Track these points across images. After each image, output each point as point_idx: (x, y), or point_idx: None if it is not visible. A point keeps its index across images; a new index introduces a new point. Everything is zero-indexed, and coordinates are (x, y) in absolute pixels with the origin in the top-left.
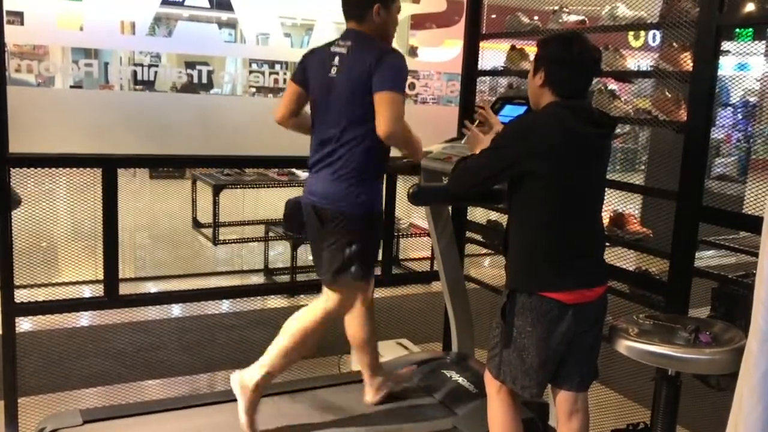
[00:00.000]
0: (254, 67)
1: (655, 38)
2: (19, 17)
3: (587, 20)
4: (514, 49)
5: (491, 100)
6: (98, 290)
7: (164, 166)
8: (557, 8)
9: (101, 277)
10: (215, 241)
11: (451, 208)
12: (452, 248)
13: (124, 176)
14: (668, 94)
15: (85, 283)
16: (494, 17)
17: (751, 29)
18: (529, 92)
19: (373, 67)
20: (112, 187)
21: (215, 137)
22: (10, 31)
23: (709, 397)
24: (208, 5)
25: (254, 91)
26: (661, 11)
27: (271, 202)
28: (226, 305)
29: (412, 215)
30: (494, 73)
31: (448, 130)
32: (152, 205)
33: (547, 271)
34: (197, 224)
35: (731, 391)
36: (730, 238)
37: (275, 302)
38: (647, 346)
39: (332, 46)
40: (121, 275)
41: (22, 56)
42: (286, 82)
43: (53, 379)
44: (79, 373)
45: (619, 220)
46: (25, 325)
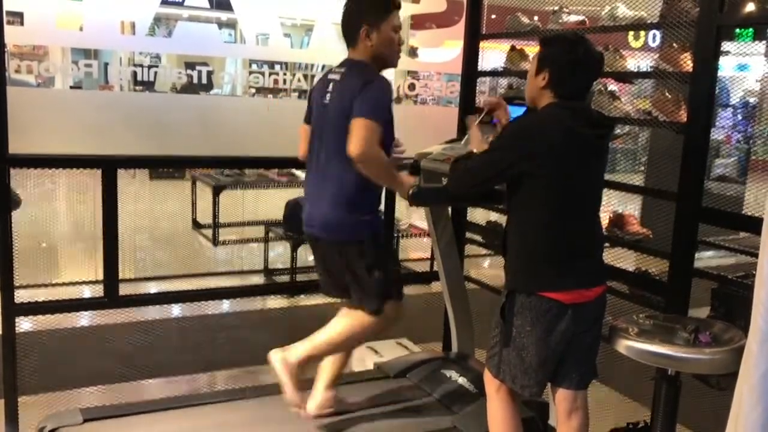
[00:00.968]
0: (254, 67)
1: (655, 39)
2: (18, 17)
3: (587, 20)
4: (514, 49)
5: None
6: (98, 290)
7: (164, 166)
8: (557, 8)
9: (101, 277)
10: (215, 241)
11: (450, 208)
12: (452, 249)
13: (123, 177)
14: (668, 94)
15: (85, 283)
16: (494, 17)
17: (751, 29)
18: (527, 91)
19: (356, 93)
20: (112, 187)
21: (215, 138)
22: (9, 31)
23: (708, 396)
24: (207, 5)
25: (254, 91)
26: (661, 11)
27: (271, 202)
28: (226, 305)
29: (412, 215)
30: (494, 73)
31: (447, 130)
32: (152, 205)
33: (546, 271)
34: (197, 225)
35: (731, 390)
36: (729, 238)
37: (275, 302)
38: (647, 345)
39: (330, 73)
40: (121, 276)
41: (21, 57)
42: (286, 82)
43: (53, 378)
44: (79, 372)
45: (618, 220)
46: (25, 325)
